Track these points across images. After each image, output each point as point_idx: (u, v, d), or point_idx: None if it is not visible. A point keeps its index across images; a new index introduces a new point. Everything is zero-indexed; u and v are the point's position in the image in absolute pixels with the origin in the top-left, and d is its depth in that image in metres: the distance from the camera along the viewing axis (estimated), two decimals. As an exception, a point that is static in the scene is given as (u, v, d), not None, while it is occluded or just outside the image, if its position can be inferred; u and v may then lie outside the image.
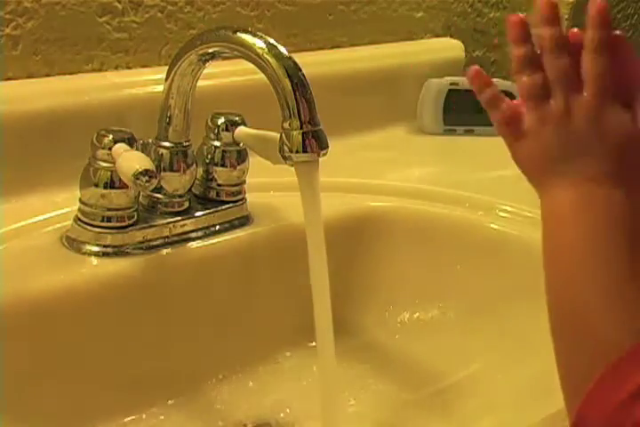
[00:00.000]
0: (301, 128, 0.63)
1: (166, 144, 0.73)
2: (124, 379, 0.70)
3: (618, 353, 0.43)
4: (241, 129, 0.76)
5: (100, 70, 0.84)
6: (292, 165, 0.65)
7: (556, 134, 0.53)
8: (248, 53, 0.65)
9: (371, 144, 1.02)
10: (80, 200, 0.70)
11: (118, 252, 0.70)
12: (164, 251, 0.72)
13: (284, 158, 0.65)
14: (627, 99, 0.53)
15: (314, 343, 0.68)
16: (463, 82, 1.07)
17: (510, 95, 0.58)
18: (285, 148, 0.64)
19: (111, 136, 0.68)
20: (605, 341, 0.45)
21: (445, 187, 0.90)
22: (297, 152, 0.64)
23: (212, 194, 0.77)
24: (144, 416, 0.70)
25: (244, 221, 0.79)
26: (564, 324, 0.49)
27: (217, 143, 0.76)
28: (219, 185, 0.77)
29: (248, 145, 0.76)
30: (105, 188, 0.68)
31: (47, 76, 0.80)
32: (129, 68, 0.85)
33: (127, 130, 0.69)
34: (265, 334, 0.80)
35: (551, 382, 0.51)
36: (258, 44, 0.65)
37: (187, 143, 0.74)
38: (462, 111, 1.06)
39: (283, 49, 0.65)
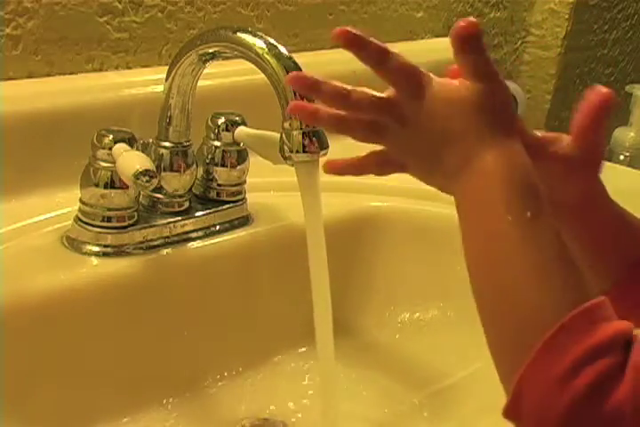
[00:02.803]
0: (301, 128, 0.63)
1: (166, 144, 0.73)
2: (124, 379, 0.70)
3: (544, 326, 0.42)
4: (241, 129, 0.76)
5: (100, 70, 0.84)
6: (293, 165, 0.65)
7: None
8: (248, 53, 0.65)
9: (371, 144, 1.02)
10: (80, 200, 0.70)
11: (118, 252, 0.70)
12: (164, 251, 0.72)
13: (285, 158, 0.65)
14: None
15: (314, 343, 0.68)
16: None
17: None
18: (286, 148, 0.64)
19: (111, 136, 0.68)
20: (531, 315, 0.43)
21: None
22: (297, 152, 0.64)
23: (213, 194, 0.77)
24: (143, 416, 0.70)
25: (244, 221, 0.79)
26: (493, 302, 0.47)
27: (217, 143, 0.76)
28: (219, 185, 0.77)
29: (248, 145, 0.76)
30: (105, 188, 0.68)
31: (47, 76, 0.80)
32: (129, 68, 0.85)
33: (127, 130, 0.69)
34: (265, 335, 0.80)
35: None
36: (258, 44, 0.65)
37: (187, 143, 0.74)
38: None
39: (283, 49, 0.65)
